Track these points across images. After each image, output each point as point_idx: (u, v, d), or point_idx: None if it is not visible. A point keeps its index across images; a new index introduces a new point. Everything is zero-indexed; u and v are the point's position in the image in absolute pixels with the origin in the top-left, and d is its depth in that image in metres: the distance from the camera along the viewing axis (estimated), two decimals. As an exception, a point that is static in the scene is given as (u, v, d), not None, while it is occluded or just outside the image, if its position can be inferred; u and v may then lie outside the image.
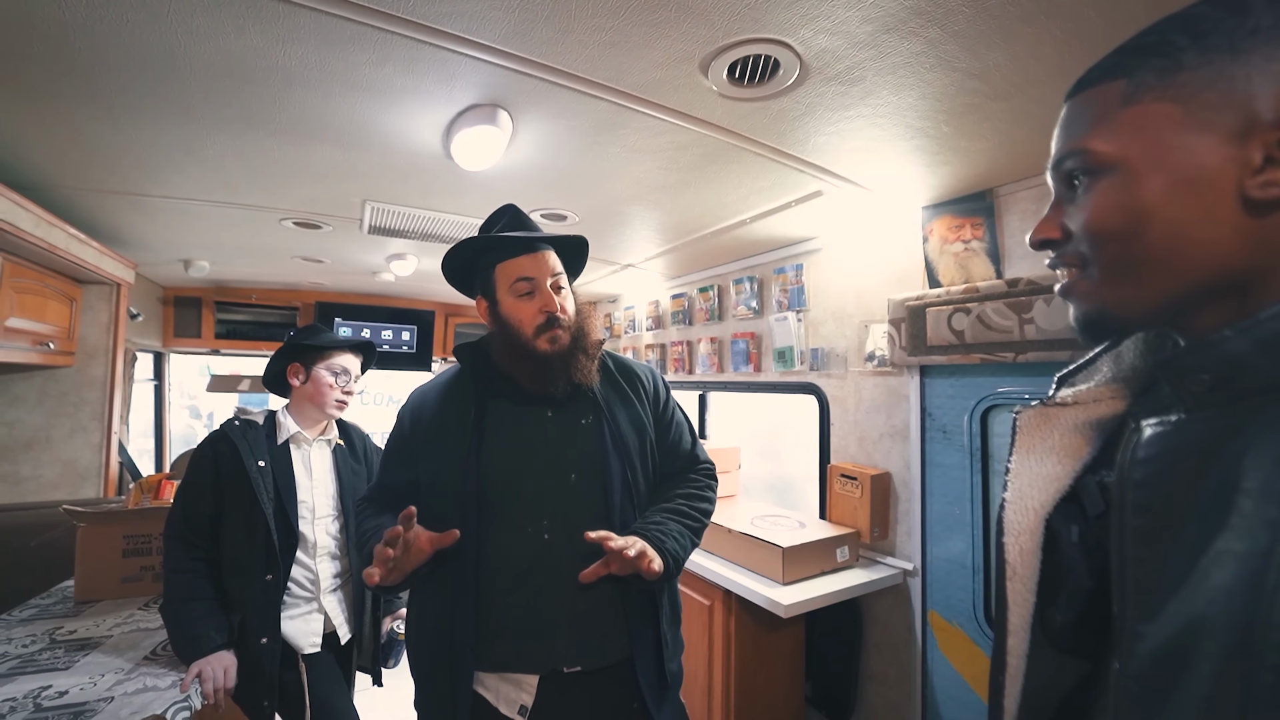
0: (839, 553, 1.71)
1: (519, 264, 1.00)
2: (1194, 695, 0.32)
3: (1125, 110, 0.40)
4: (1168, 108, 0.38)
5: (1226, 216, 0.37)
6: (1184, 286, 0.39)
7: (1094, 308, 0.43)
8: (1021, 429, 0.51)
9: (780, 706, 1.81)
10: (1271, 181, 0.35)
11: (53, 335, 1.94)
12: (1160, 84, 0.39)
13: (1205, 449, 0.37)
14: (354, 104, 1.20)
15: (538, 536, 0.96)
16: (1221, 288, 0.38)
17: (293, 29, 0.95)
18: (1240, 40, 0.36)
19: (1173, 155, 0.38)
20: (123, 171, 1.58)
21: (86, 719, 1.03)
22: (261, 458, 1.38)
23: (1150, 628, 0.36)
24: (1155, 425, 0.40)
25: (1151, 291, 0.40)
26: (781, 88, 1.11)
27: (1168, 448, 0.39)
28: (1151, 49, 0.40)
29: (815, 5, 0.88)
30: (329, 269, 2.91)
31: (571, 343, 1.01)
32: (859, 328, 1.92)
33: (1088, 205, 0.42)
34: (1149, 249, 0.39)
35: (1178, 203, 0.38)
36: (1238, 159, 0.36)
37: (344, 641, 1.46)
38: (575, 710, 0.96)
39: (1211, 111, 0.37)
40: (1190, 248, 0.38)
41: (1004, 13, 0.88)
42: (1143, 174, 0.39)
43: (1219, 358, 0.37)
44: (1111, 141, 0.40)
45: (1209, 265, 0.38)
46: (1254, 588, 0.30)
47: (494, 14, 0.92)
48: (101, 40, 0.97)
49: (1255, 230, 0.36)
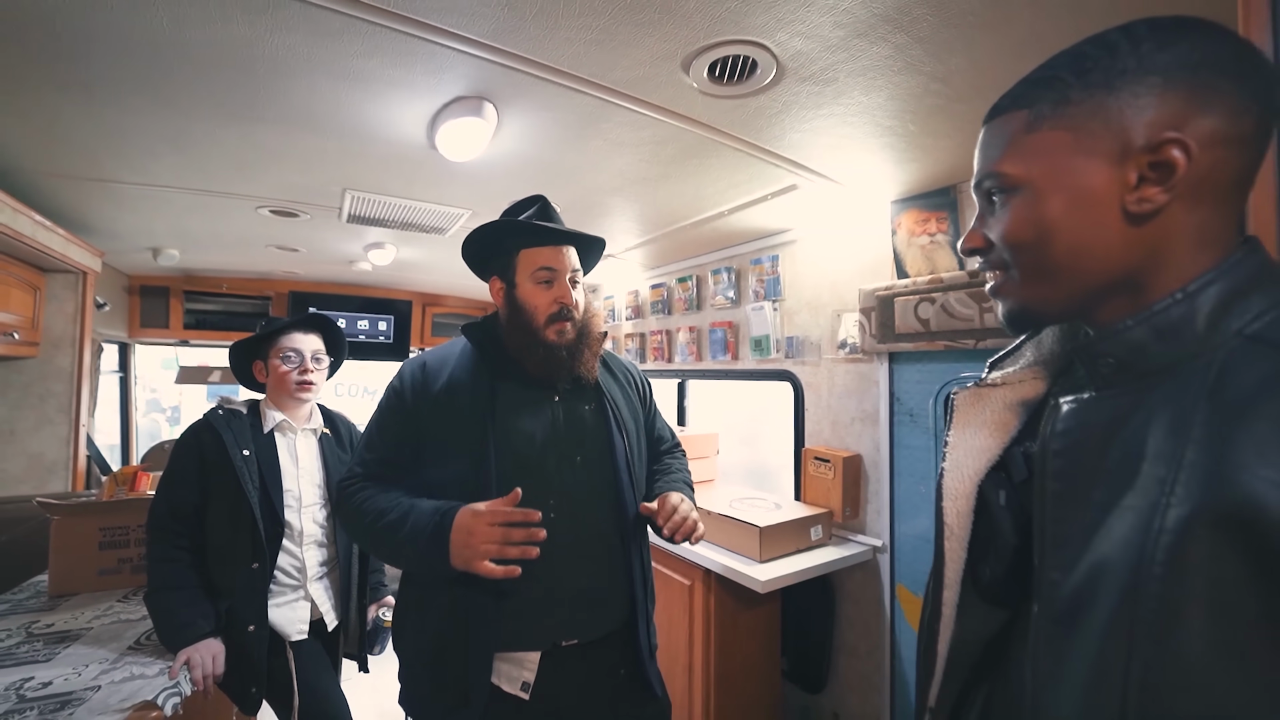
0: (813, 531, 1.79)
1: (544, 253, 1.03)
2: (1096, 629, 0.39)
3: (1028, 137, 0.47)
4: (1062, 135, 0.45)
5: (1113, 227, 0.44)
6: (1086, 285, 0.46)
7: (1016, 305, 0.50)
8: (958, 407, 0.58)
9: (758, 681, 1.90)
10: (1144, 198, 0.42)
11: (16, 325, 1.88)
12: (1055, 114, 0.45)
13: (1112, 422, 0.44)
14: (340, 94, 1.21)
15: (544, 515, 0.97)
16: (1117, 285, 0.45)
17: (282, 19, 0.96)
18: (1113, 79, 0.43)
19: (1068, 177, 0.45)
20: (95, 157, 1.55)
21: (75, 707, 1.03)
22: (246, 447, 1.39)
23: (1064, 575, 0.43)
24: (1070, 402, 0.48)
25: (1061, 290, 0.47)
26: (759, 86, 1.16)
27: (1081, 422, 0.46)
28: (1047, 83, 0.46)
29: (791, 10, 0.93)
30: (304, 258, 2.86)
31: (577, 337, 1.04)
32: (832, 317, 2.00)
33: (1004, 220, 0.49)
34: (1055, 256, 0.46)
35: (1074, 217, 0.45)
36: (1118, 179, 0.43)
37: (330, 628, 1.48)
38: (572, 681, 1.00)
39: (1095, 139, 0.44)
40: (1087, 254, 0.45)
41: (964, 21, 0.95)
42: (1045, 193, 0.46)
43: (1122, 344, 0.45)
44: (1019, 165, 0.47)
45: (1104, 268, 0.45)
46: (1144, 534, 0.37)
47: (484, 10, 0.94)
48: (85, 25, 0.96)
49: (1137, 237, 0.43)
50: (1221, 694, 0.33)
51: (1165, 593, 0.35)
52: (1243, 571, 0.33)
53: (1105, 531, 0.40)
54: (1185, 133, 0.41)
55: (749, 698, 1.85)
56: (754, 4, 0.92)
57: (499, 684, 0.98)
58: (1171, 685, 0.35)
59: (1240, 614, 0.33)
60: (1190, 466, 0.36)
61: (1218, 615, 0.34)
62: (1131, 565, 0.37)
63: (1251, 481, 0.33)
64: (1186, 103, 0.41)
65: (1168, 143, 0.41)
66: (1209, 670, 0.33)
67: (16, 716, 0.98)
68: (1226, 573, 0.33)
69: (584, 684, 1.01)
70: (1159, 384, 0.42)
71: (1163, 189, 0.41)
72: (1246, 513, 0.33)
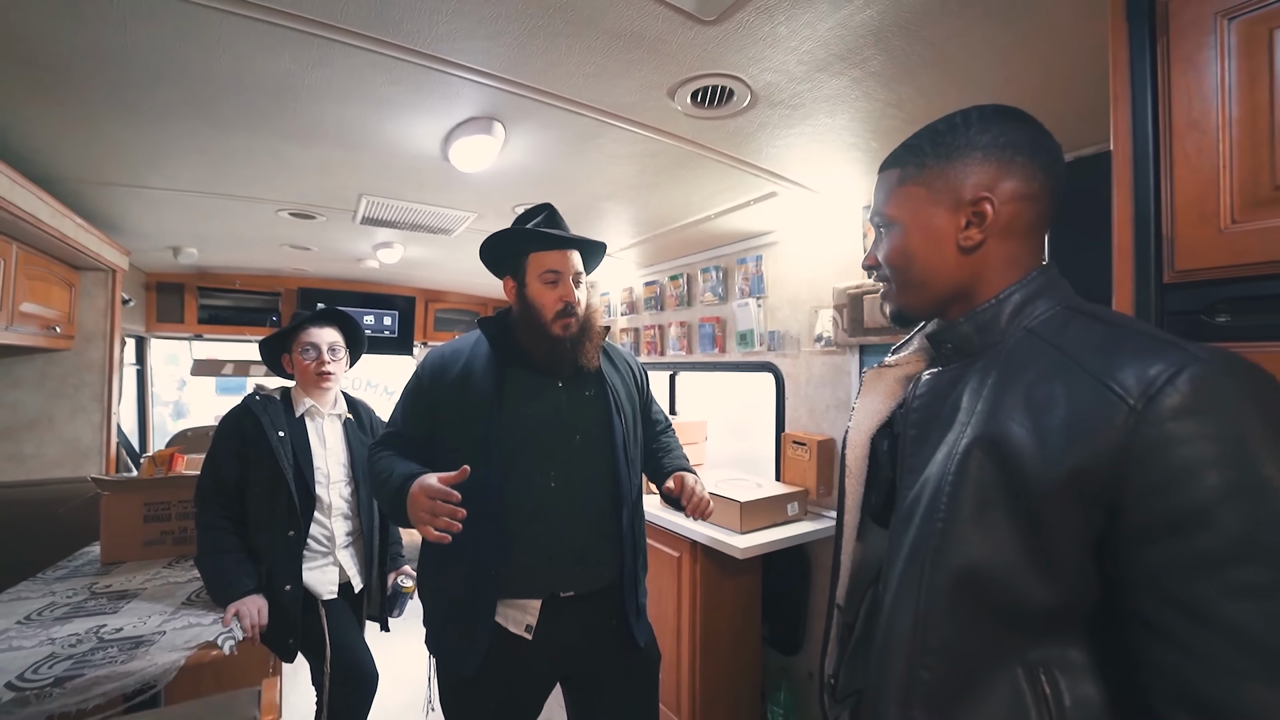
0: (790, 507, 1.97)
1: (550, 257, 1.17)
2: (918, 519, 0.58)
3: (900, 189, 0.66)
4: (920, 190, 0.64)
5: (952, 256, 0.63)
6: (936, 295, 0.65)
7: (895, 307, 0.70)
8: (865, 381, 0.77)
9: (741, 645, 2.08)
10: (969, 236, 0.61)
11: (57, 320, 2.04)
12: (916, 174, 0.64)
13: (948, 387, 0.62)
14: (365, 115, 1.37)
15: (545, 484, 1.13)
16: (957, 295, 0.64)
17: (323, 56, 1.11)
18: (952, 152, 0.61)
19: (923, 219, 0.64)
20: (134, 167, 1.70)
21: (146, 647, 1.20)
22: (281, 429, 1.55)
23: (908, 490, 0.62)
24: (927, 375, 0.67)
25: (921, 298, 0.67)
26: (736, 110, 1.32)
27: (931, 388, 0.65)
28: (913, 150, 0.65)
29: (760, 51, 1.10)
30: (314, 256, 3.01)
31: (580, 331, 1.18)
32: (810, 312, 2.18)
33: (884, 247, 0.68)
34: (915, 275, 0.65)
35: (928, 249, 0.64)
36: (955, 222, 0.62)
37: (357, 590, 1.65)
38: (570, 627, 1.15)
39: (941, 194, 0.62)
40: (936, 274, 0.64)
41: (908, 60, 1.12)
42: (909, 230, 0.65)
43: (956, 334, 0.64)
44: (894, 209, 0.66)
45: (946, 283, 0.64)
46: (948, 456, 0.56)
47: (496, 49, 1.10)
48: (151, 60, 1.12)
49: (966, 263, 0.62)
50: (974, 547, 0.53)
51: (953, 490, 0.54)
52: (994, 474, 0.52)
53: (933, 459, 0.59)
54: (994, 193, 0.59)
55: (732, 660, 2.04)
56: (728, 46, 1.09)
57: (505, 625, 1.12)
58: (950, 545, 0.54)
59: (991, 499, 0.52)
60: (977, 413, 0.55)
61: (978, 500, 0.53)
62: (939, 476, 0.56)
63: (1005, 422, 0.52)
64: (995, 171, 0.60)
65: (982, 199, 0.60)
66: (970, 534, 0.53)
67: (101, 652, 1.16)
68: (986, 475, 0.53)
69: (579, 630, 1.15)
70: (977, 362, 0.61)
71: (980, 230, 0.61)
72: (998, 439, 0.52)
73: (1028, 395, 0.53)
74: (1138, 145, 0.77)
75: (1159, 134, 0.75)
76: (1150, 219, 0.76)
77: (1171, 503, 0.46)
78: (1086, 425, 0.49)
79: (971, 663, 0.55)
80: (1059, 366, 0.53)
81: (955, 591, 0.55)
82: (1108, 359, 0.50)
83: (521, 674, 1.13)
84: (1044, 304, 0.59)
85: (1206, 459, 0.45)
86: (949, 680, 0.55)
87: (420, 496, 1.02)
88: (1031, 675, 0.52)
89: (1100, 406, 0.48)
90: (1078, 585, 0.51)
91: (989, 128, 0.60)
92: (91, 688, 1.08)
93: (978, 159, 0.60)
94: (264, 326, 3.60)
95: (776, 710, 2.08)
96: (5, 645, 1.17)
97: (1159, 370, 0.47)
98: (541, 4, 0.97)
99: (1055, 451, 0.49)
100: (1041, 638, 0.53)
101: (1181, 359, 0.47)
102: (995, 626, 0.54)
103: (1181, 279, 0.74)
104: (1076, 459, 0.48)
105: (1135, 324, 0.55)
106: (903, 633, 0.59)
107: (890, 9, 0.97)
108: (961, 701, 0.55)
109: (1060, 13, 0.97)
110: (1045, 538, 0.51)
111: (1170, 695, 0.46)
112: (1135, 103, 0.78)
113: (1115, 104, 0.80)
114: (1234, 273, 0.70)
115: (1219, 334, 0.71)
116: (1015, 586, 0.52)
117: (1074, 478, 0.48)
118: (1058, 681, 0.52)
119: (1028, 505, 0.51)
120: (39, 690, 1.04)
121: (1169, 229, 0.74)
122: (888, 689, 0.60)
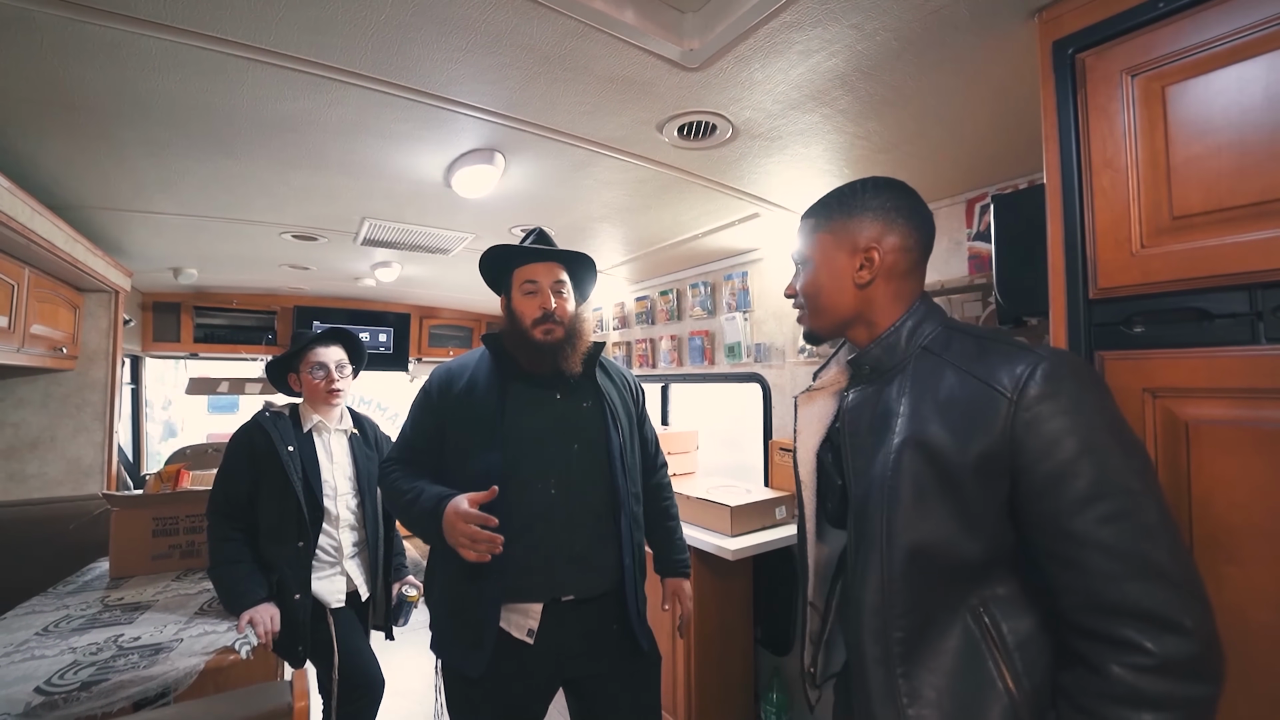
0: (777, 511, 2.07)
1: (530, 269, 1.26)
2: (871, 514, 0.72)
3: (814, 234, 0.84)
4: (828, 237, 0.82)
5: (850, 290, 0.80)
6: (838, 319, 0.82)
7: (808, 329, 0.87)
8: (800, 405, 0.90)
9: (734, 646, 2.15)
10: (861, 276, 0.79)
11: (63, 341, 2.09)
12: (826, 225, 0.82)
13: (873, 399, 0.77)
14: (372, 147, 1.47)
15: (545, 491, 1.18)
16: (854, 320, 0.81)
17: (339, 96, 1.21)
18: (851, 211, 0.80)
19: (829, 260, 0.81)
20: (146, 193, 1.77)
21: (165, 654, 1.26)
22: (290, 444, 1.62)
23: (859, 490, 0.74)
24: (855, 392, 0.81)
25: (827, 322, 0.84)
26: (719, 142, 1.44)
27: (858, 402, 0.80)
28: (825, 205, 0.83)
29: (739, 93, 1.22)
30: (312, 275, 3.08)
31: (564, 338, 1.25)
32: (793, 325, 2.29)
33: (800, 280, 0.86)
34: (822, 303, 0.82)
35: (831, 283, 0.81)
36: (851, 264, 0.79)
37: (363, 599, 1.71)
38: (571, 632, 1.18)
39: (842, 242, 0.80)
40: (837, 303, 0.81)
41: (872, 99, 1.24)
42: (819, 268, 0.82)
43: (870, 357, 0.80)
44: (808, 251, 0.84)
45: (846, 311, 0.81)
46: (886, 455, 0.70)
47: (498, 90, 1.21)
48: (178, 101, 1.21)
49: (861, 296, 0.80)
50: (918, 525, 0.66)
51: (893, 483, 0.67)
52: (923, 466, 0.66)
53: (874, 460, 0.72)
54: (880, 244, 0.78)
55: (725, 661, 2.11)
56: (710, 88, 1.20)
57: (508, 630, 1.16)
58: (899, 528, 0.67)
59: (925, 486, 0.66)
60: (901, 418, 0.70)
61: (915, 489, 0.66)
62: (881, 474, 0.69)
63: (925, 424, 0.67)
64: (881, 229, 0.78)
65: (870, 248, 0.78)
66: (914, 516, 0.66)
67: (123, 659, 1.21)
68: (918, 468, 0.66)
69: (580, 635, 1.19)
70: (893, 377, 0.76)
71: (869, 271, 0.78)
72: (921, 438, 0.67)
73: (936, 400, 0.68)
74: (1065, 179, 0.89)
75: (1081, 170, 0.87)
76: (1077, 243, 0.88)
77: (1049, 464, 0.62)
78: (983, 418, 0.64)
79: (930, 616, 0.68)
80: (953, 375, 0.69)
81: (909, 563, 0.68)
82: (986, 365, 0.67)
83: (525, 678, 1.17)
84: (929, 326, 0.77)
85: (1064, 429, 0.61)
86: (916, 635, 0.68)
87: (457, 521, 1.08)
88: (975, 616, 0.67)
89: (990, 402, 0.64)
90: (999, 538, 0.67)
91: (879, 195, 0.79)
92: (116, 691, 1.13)
93: (869, 218, 0.79)
94: (260, 345, 3.65)
95: (769, 709, 2.15)
96: (28, 655, 1.22)
97: (1021, 369, 0.64)
98: (542, 54, 1.08)
99: (965, 441, 0.65)
100: (978, 584, 0.68)
101: (1034, 359, 0.64)
102: (944, 583, 0.68)
103: (1104, 295, 0.85)
104: (981, 445, 0.64)
105: (995, 334, 0.73)
106: (873, 605, 0.71)
107: (854, 58, 1.09)
108: (929, 650, 0.68)
109: (995, 70, 1.11)
110: (971, 507, 0.65)
111: (1077, 605, 0.61)
112: (1062, 143, 0.90)
113: (1046, 144, 0.92)
114: (1145, 290, 0.81)
115: (1136, 342, 0.83)
116: (954, 549, 0.66)
117: (982, 459, 0.64)
118: (995, 615, 0.67)
119: (954, 486, 0.65)
120: (66, 694, 1.09)
121: (1092, 251, 0.86)
122: (869, 655, 0.71)
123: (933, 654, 0.67)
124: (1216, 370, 0.75)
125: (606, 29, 1.01)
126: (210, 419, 4.89)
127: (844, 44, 1.05)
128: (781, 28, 1.00)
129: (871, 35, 1.02)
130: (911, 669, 0.67)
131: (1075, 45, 0.88)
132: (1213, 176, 0.75)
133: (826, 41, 1.04)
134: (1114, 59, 0.84)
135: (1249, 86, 0.72)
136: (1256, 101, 0.72)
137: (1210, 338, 0.76)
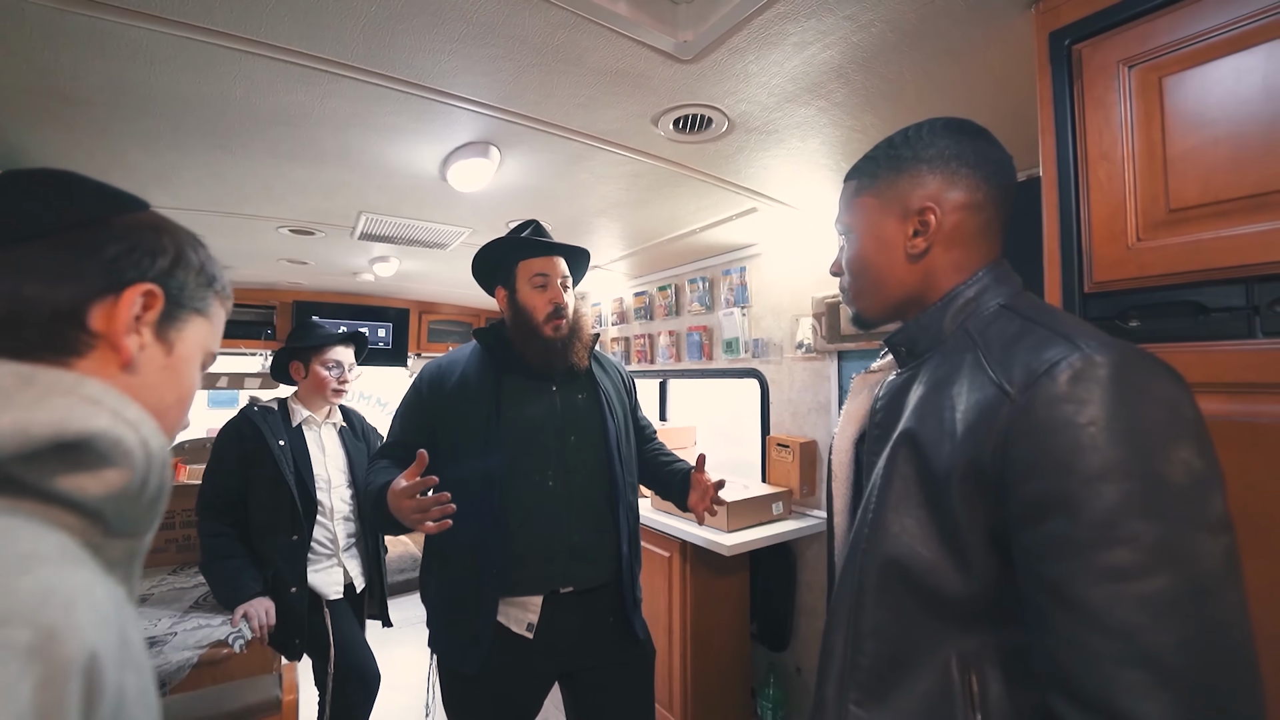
0: (774, 507, 2.06)
1: (539, 263, 1.26)
2: (872, 502, 0.61)
3: (856, 199, 0.69)
4: (873, 200, 0.67)
5: (901, 263, 0.66)
6: (890, 300, 0.68)
7: (855, 311, 0.73)
8: (852, 388, 0.78)
9: (731, 642, 2.15)
10: (914, 246, 0.64)
11: (60, 335, 2.09)
12: (870, 186, 0.67)
13: (904, 388, 0.64)
14: (367, 140, 1.46)
15: (543, 484, 1.19)
16: (909, 300, 0.67)
17: (333, 89, 1.20)
18: (901, 165, 0.65)
19: (875, 228, 0.67)
20: (141, 187, 1.74)
21: (160, 647, 1.26)
22: (281, 437, 1.62)
23: (876, 471, 0.65)
24: (890, 379, 0.69)
25: (875, 303, 0.70)
26: (715, 135, 1.43)
27: (889, 390, 0.67)
28: (870, 161, 0.68)
29: (734, 85, 1.21)
30: (310, 270, 3.07)
31: (569, 333, 1.26)
32: (791, 321, 2.28)
33: (845, 254, 0.72)
34: (869, 281, 0.69)
35: (879, 256, 0.67)
36: (903, 231, 0.65)
37: (359, 590, 1.71)
38: (569, 624, 1.19)
39: (891, 204, 0.65)
40: (887, 280, 0.67)
41: (867, 91, 1.23)
42: (863, 238, 0.68)
43: (904, 337, 0.67)
44: (851, 219, 0.70)
45: (898, 290, 0.67)
46: (884, 455, 0.61)
47: (493, 82, 1.20)
48: (171, 93, 1.20)
49: (915, 270, 0.65)
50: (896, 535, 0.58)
51: (883, 482, 0.60)
52: (911, 467, 0.58)
53: (879, 455, 0.64)
54: (938, 203, 0.62)
55: (722, 656, 2.11)
56: (705, 80, 1.19)
57: (508, 625, 1.16)
58: (878, 535, 0.59)
59: (909, 489, 0.58)
60: (908, 407, 0.61)
61: (901, 491, 0.58)
62: (879, 470, 0.62)
63: (923, 418, 0.58)
64: (940, 182, 0.63)
65: (926, 209, 0.63)
66: (893, 523, 0.58)
67: (118, 651, 1.21)
68: (906, 468, 0.58)
69: (578, 626, 1.20)
70: (927, 361, 0.63)
71: (925, 238, 0.63)
72: (914, 434, 0.58)
73: (946, 391, 0.57)
74: (1061, 172, 0.89)
75: (1078, 163, 0.87)
76: (1073, 236, 0.87)
77: (1033, 487, 0.47)
78: (978, 420, 0.52)
79: (902, 648, 0.57)
80: (971, 365, 0.56)
81: (882, 577, 0.58)
82: (1008, 356, 0.53)
83: (522, 672, 1.17)
84: (988, 300, 0.61)
85: (1070, 445, 0.46)
86: (881, 665, 0.58)
87: (400, 499, 1.03)
88: (962, 669, 0.54)
89: (990, 403, 0.52)
90: (989, 576, 0.53)
91: (936, 141, 0.63)
92: (111, 684, 1.13)
93: (924, 171, 0.63)
94: (259, 340, 3.64)
95: (766, 705, 2.15)
96: (24, 647, 1.22)
97: (1042, 362, 0.49)
98: (534, 45, 1.07)
99: (955, 445, 0.53)
100: (966, 630, 0.55)
101: (1068, 350, 0.49)
102: (922, 613, 0.56)
103: (1099, 289, 0.85)
104: (969, 451, 0.52)
105: (1047, 319, 0.56)
106: (841, 619, 0.62)
107: (849, 50, 1.08)
108: (895, 685, 0.57)
109: (992, 62, 1.09)
110: (953, 525, 0.53)
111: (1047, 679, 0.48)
112: (1058, 135, 0.89)
113: (1043, 136, 0.91)
114: (1140, 283, 0.81)
115: (1132, 337, 0.82)
116: (935, 576, 0.55)
117: (969, 468, 0.52)
118: (985, 677, 0.53)
119: (935, 496, 0.55)
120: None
121: (1087, 245, 0.85)
122: (828, 672, 0.63)
123: (898, 692, 0.57)
124: (1212, 365, 0.74)
125: (599, 20, 1.00)
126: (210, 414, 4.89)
127: (839, 36, 1.03)
128: (775, 19, 0.99)
129: (866, 27, 1.01)
130: (866, 698, 0.59)
131: (1072, 36, 0.87)
132: (1209, 169, 0.74)
133: (821, 33, 1.03)
134: (1111, 50, 0.83)
135: (1246, 77, 0.71)
136: (1254, 93, 0.71)
137: (1206, 332, 0.76)
